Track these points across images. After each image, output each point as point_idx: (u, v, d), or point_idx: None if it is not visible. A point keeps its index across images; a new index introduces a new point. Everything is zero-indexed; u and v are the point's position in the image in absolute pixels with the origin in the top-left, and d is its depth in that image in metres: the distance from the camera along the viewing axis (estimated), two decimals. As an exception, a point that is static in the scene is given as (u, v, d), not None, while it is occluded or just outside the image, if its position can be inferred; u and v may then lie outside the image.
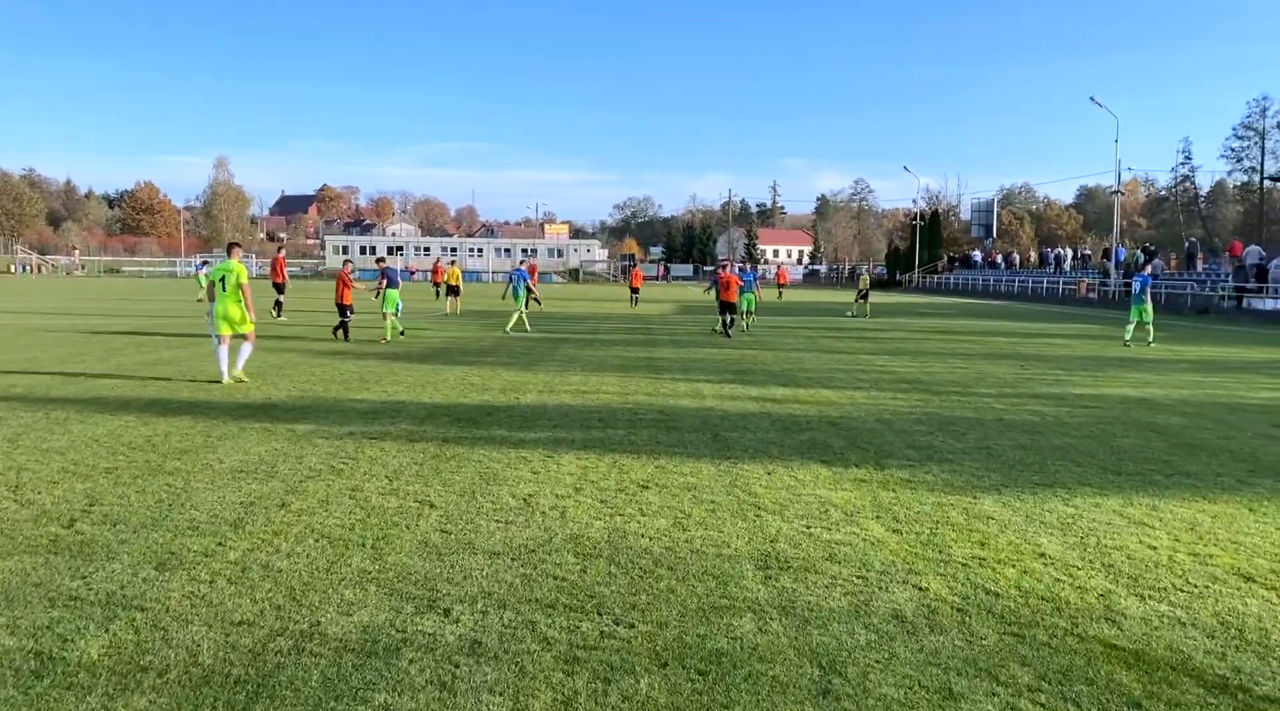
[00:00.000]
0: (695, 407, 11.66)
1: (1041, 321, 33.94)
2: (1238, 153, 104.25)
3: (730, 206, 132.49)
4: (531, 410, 11.29)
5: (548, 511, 6.63)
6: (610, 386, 13.64)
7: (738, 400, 12.37)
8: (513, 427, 10.04)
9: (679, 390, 13.31)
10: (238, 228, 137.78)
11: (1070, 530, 6.35)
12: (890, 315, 37.33)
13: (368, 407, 11.30)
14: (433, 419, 10.51)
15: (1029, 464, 8.51)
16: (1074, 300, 50.24)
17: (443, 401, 11.89)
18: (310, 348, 18.86)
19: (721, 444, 9.27)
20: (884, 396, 12.96)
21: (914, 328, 29.02)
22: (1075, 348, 21.97)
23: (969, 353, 20.21)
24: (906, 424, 10.62)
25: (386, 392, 12.64)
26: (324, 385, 13.28)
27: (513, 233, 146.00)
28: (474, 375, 14.73)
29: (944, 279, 75.25)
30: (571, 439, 9.43)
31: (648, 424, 10.39)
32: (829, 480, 7.75)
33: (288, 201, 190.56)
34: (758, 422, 10.57)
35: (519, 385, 13.60)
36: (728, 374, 15.47)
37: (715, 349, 20.40)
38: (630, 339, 22.83)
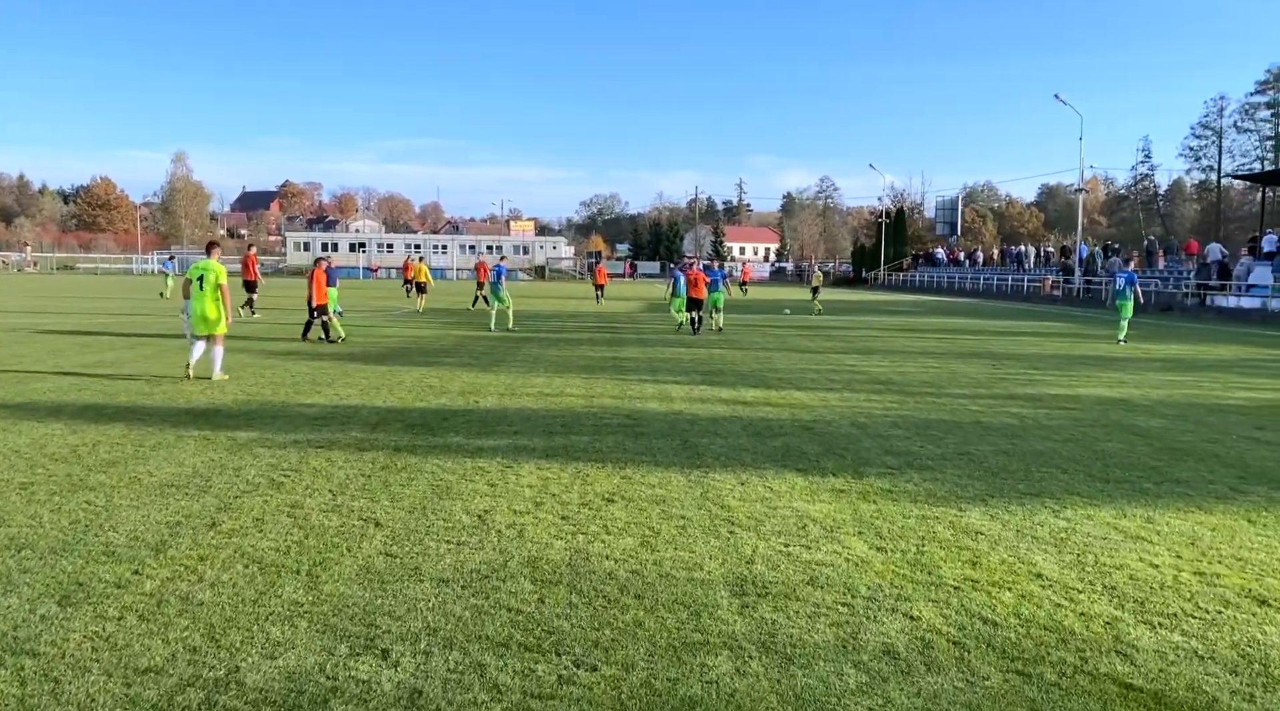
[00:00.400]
0: (663, 411, 11.17)
1: (1008, 319, 33.89)
2: (1196, 152, 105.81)
3: (697, 204, 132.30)
4: (491, 415, 10.73)
5: (504, 530, 6.10)
6: (575, 388, 13.11)
7: (707, 403, 11.90)
8: (470, 434, 9.49)
9: (646, 392, 12.81)
10: (196, 224, 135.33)
11: (1065, 546, 5.94)
12: (858, 313, 37.14)
13: (317, 413, 10.69)
14: (385, 425, 9.92)
15: (1013, 471, 8.11)
16: (1039, 297, 50.44)
17: (397, 405, 11.30)
18: (265, 348, 18.13)
19: (691, 451, 8.79)
20: (858, 398, 12.56)
21: (883, 326, 28.78)
22: (1045, 345, 21.78)
23: (940, 351, 19.93)
24: (882, 428, 10.21)
25: (339, 396, 12.01)
26: (273, 388, 12.62)
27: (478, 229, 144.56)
28: (432, 377, 14.13)
29: (909, 276, 75.48)
30: (532, 446, 8.90)
31: (613, 429, 9.88)
32: (806, 490, 7.29)
33: (249, 198, 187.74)
34: (729, 427, 10.10)
35: (479, 387, 13.03)
36: (696, 375, 15.00)
37: (683, 348, 19.94)
38: (596, 338, 22.31)
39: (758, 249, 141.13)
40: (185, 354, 13.95)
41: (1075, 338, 24.74)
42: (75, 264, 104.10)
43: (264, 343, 19.18)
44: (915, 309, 41.49)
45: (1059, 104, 50.22)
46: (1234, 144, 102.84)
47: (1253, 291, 34.80)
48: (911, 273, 76.66)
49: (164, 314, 28.87)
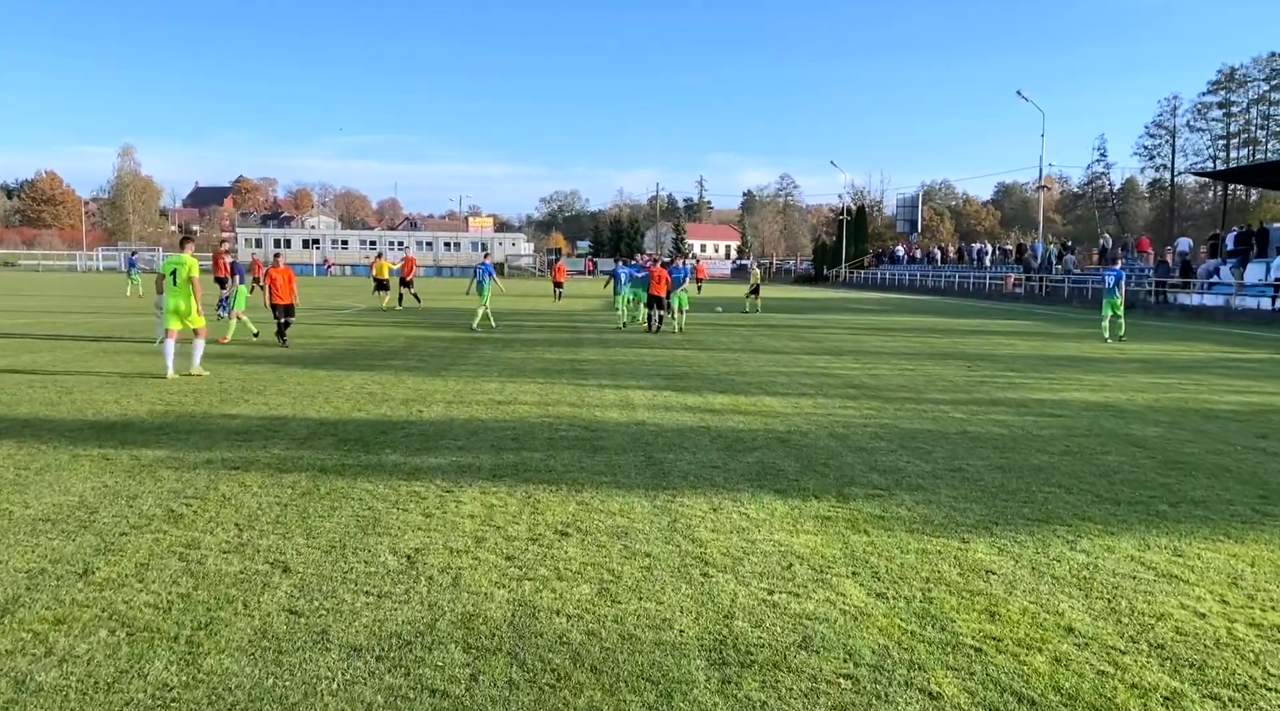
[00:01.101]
0: (625, 421, 10.25)
1: (975, 317, 33.43)
2: (1150, 150, 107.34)
3: (658, 201, 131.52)
4: (435, 427, 9.74)
5: (436, 576, 5.14)
6: (529, 395, 12.15)
7: (672, 411, 11.00)
8: (409, 451, 8.49)
9: (606, 399, 11.89)
10: (145, 220, 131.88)
11: (1091, 588, 5.12)
12: (823, 311, 36.50)
13: (241, 425, 9.62)
14: (315, 440, 8.89)
15: (1013, 491, 7.31)
16: (1001, 295, 50.27)
17: (332, 416, 10.26)
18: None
19: (656, 469, 7.88)
20: (832, 404, 11.73)
21: (849, 325, 28.11)
22: (1017, 345, 21.19)
23: (912, 351, 19.22)
24: (863, 439, 9.37)
25: (268, 405, 10.94)
26: (197, 396, 11.50)
27: (436, 226, 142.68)
28: (375, 382, 13.08)
29: (870, 274, 75.27)
30: (478, 465, 7.93)
31: (570, 443, 8.94)
32: (787, 518, 6.41)
33: (202, 193, 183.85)
34: (696, 440, 9.21)
35: (425, 394, 12.01)
36: (660, 379, 14.10)
37: (645, 349, 19.03)
38: (554, 338, 21.33)
39: (718, 246, 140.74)
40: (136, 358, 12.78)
41: (1045, 337, 24.23)
42: (16, 261, 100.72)
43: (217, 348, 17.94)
44: (880, 307, 40.99)
45: (1016, 103, 50.18)
46: (1187, 143, 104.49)
47: (1214, 289, 34.68)
48: (873, 270, 76.48)
49: (113, 313, 27.37)
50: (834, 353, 18.73)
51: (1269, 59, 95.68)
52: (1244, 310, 31.97)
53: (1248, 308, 31.95)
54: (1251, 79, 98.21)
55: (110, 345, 17.65)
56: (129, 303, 33.36)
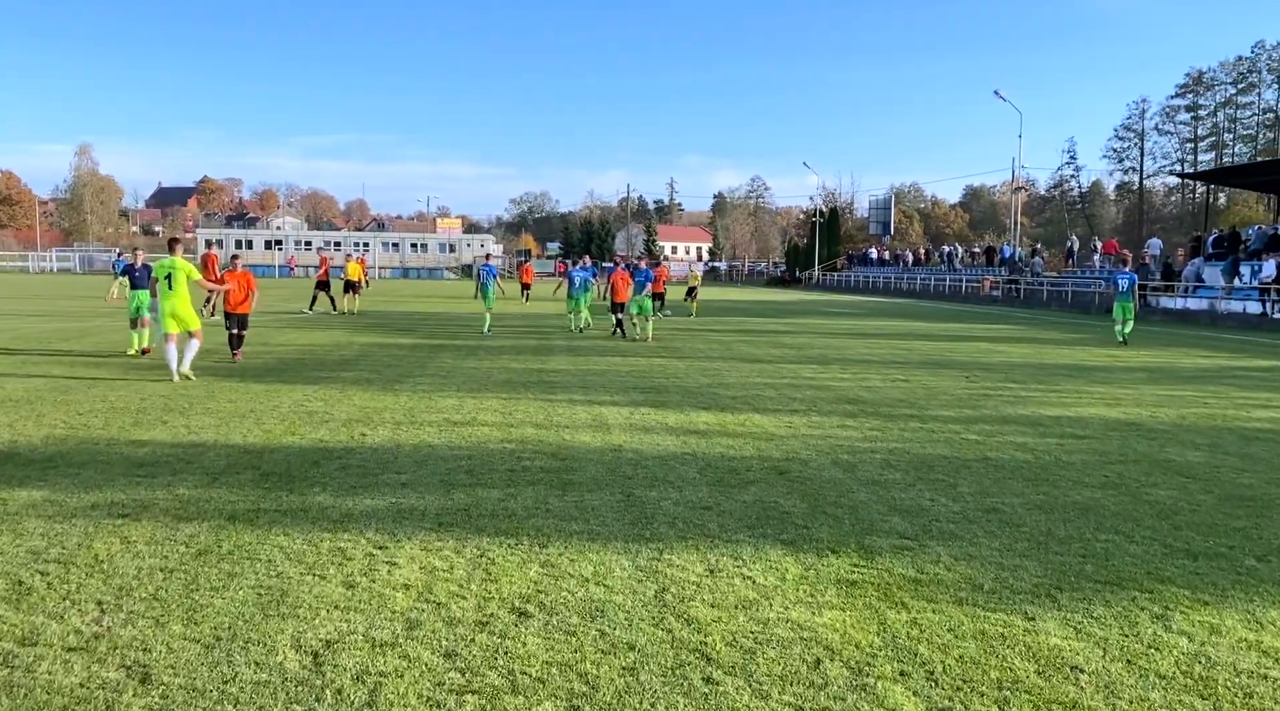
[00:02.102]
0: (599, 446, 8.95)
1: (955, 321, 32.45)
2: (1119, 153, 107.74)
3: (629, 203, 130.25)
4: (377, 455, 8.38)
5: (348, 687, 3.82)
6: (490, 413, 10.81)
7: (652, 433, 9.71)
8: (342, 489, 7.13)
9: (577, 418, 10.58)
10: (104, 221, 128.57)
11: (1217, 696, 3.90)
12: (800, 315, 35.38)
13: (148, 455, 8.21)
14: (232, 474, 7.51)
15: (1064, 540, 6.10)
16: (978, 298, 49.50)
17: (259, 442, 8.87)
18: (130, 360, 15.38)
19: (638, 512, 6.59)
20: (830, 424, 10.50)
21: (829, 330, 26.97)
22: (1009, 352, 20.13)
23: (901, 360, 18.08)
24: (873, 469, 8.14)
25: (188, 428, 9.52)
26: (108, 417, 10.05)
27: (405, 227, 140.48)
28: (317, 398, 11.68)
29: (844, 276, 74.49)
30: (422, 509, 6.59)
31: (535, 476, 7.63)
32: (803, 584, 5.15)
33: (166, 193, 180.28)
34: (682, 471, 7.93)
35: (371, 413, 10.64)
36: (636, 392, 12.82)
37: (618, 357, 17.74)
38: (521, 344, 19.97)
39: (689, 248, 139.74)
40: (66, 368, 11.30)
41: (1034, 343, 23.22)
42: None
43: (158, 356, 16.40)
44: (856, 310, 39.96)
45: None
46: (1155, 146, 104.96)
47: (1199, 292, 33.99)
48: (845, 272, 75.71)
49: (64, 316, 25.58)
50: (820, 361, 17.54)
51: (1236, 63, 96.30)
52: (1230, 314, 31.25)
53: (1233, 312, 31.23)
54: (1219, 82, 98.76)
55: (42, 355, 16.08)
56: (100, 305, 31.50)
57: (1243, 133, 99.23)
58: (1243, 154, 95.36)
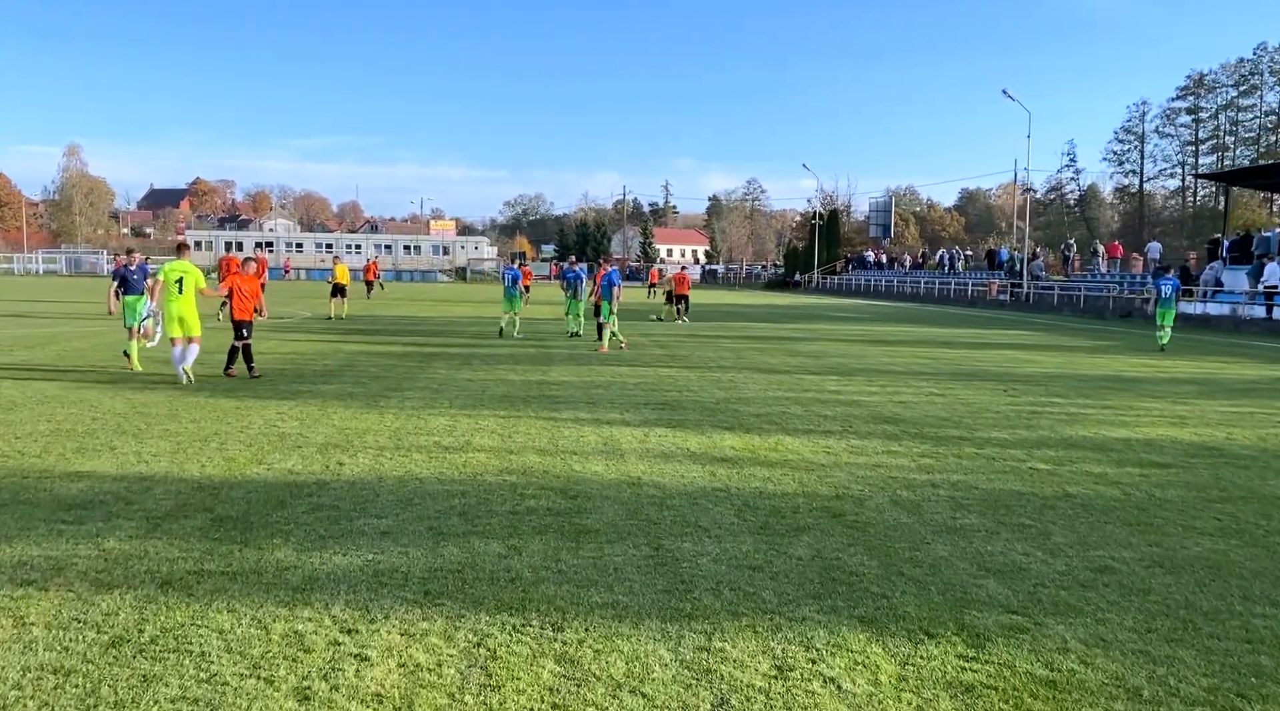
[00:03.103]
0: (614, 479, 7.69)
1: (970, 326, 31.20)
2: (1119, 156, 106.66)
3: (625, 205, 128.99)
4: (355, 492, 7.11)
5: None
6: (487, 435, 9.54)
7: (674, 461, 8.45)
8: (308, 541, 5.85)
9: (586, 441, 9.31)
10: (93, 222, 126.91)
11: None
12: (806, 320, 34.12)
13: (82, 493, 6.92)
14: (177, 520, 6.23)
15: (1211, 614, 4.85)
16: (984, 302, 48.33)
17: (217, 475, 7.58)
18: (99, 373, 14.07)
19: (671, 573, 5.33)
20: (872, 448, 9.25)
21: (842, 336, 25.71)
22: (1042, 362, 18.89)
23: (927, 370, 16.84)
24: (942, 509, 6.89)
25: (139, 455, 8.24)
26: (49, 442, 8.76)
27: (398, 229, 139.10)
28: (292, 416, 10.40)
29: (843, 279, 73.32)
30: (405, 570, 5.32)
31: (542, 520, 6.37)
32: (904, 690, 3.90)
33: (157, 195, 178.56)
34: (717, 513, 6.67)
35: (352, 436, 9.36)
36: (648, 409, 11.56)
37: (624, 366, 16.48)
38: (519, 352, 18.70)
39: (685, 251, 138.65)
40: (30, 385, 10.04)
41: (1063, 351, 21.99)
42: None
43: (109, 363, 15.08)
44: (863, 315, 38.72)
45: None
46: (1156, 149, 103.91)
47: (1219, 297, 32.84)
48: (845, 275, 74.55)
49: (32, 321, 24.21)
50: (840, 372, 16.28)
51: (1237, 65, 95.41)
52: (1254, 320, 30.09)
53: (1257, 317, 30.08)
54: (1220, 85, 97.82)
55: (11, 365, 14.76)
56: (79, 308, 30.13)
57: (1245, 135, 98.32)
58: (1245, 156, 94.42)
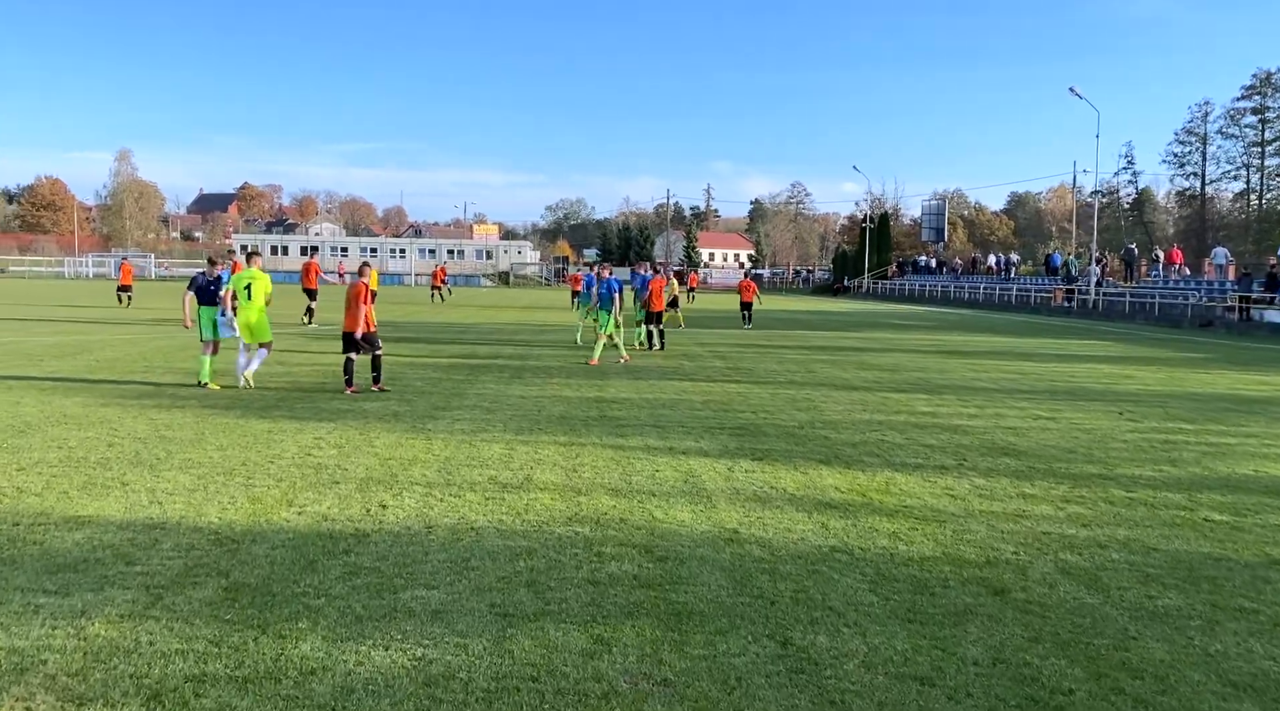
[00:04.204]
0: (706, 532, 6.40)
1: (1044, 336, 29.40)
2: (1180, 158, 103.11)
3: (667, 209, 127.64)
4: (399, 548, 5.89)
5: None
6: (549, 468, 8.31)
7: (772, 507, 7.13)
8: (340, 626, 4.63)
9: (663, 478, 8.04)
10: (142, 226, 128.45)
11: None
12: (865, 327, 32.53)
13: (78, 547, 5.78)
14: (183, 589, 5.06)
15: None
16: (1048, 309, 46.27)
17: (240, 522, 6.42)
18: (141, 385, 13.08)
19: (813, 690, 4.02)
20: (1000, 488, 7.86)
21: (911, 346, 24.14)
22: (1143, 378, 17.23)
23: (1023, 387, 15.32)
24: (1130, 583, 5.49)
25: (153, 495, 7.11)
26: (55, 473, 7.68)
27: (441, 233, 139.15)
28: (329, 443, 9.25)
29: (894, 284, 71.33)
30: (465, 676, 4.07)
31: (629, 596, 5.10)
32: None
33: (207, 199, 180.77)
34: (847, 587, 5.34)
35: (396, 468, 8.18)
36: (725, 435, 10.25)
37: (685, 381, 15.19)
38: (572, 364, 17.49)
39: (727, 255, 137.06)
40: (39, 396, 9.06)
41: (1158, 364, 20.26)
42: (8, 267, 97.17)
43: (139, 375, 14.12)
44: (925, 322, 36.97)
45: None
46: (1219, 150, 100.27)
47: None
48: (896, 280, 72.55)
49: (71, 327, 23.50)
50: (927, 389, 14.82)
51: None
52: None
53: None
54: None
55: (21, 379, 13.85)
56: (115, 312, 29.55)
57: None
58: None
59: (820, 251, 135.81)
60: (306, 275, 27.46)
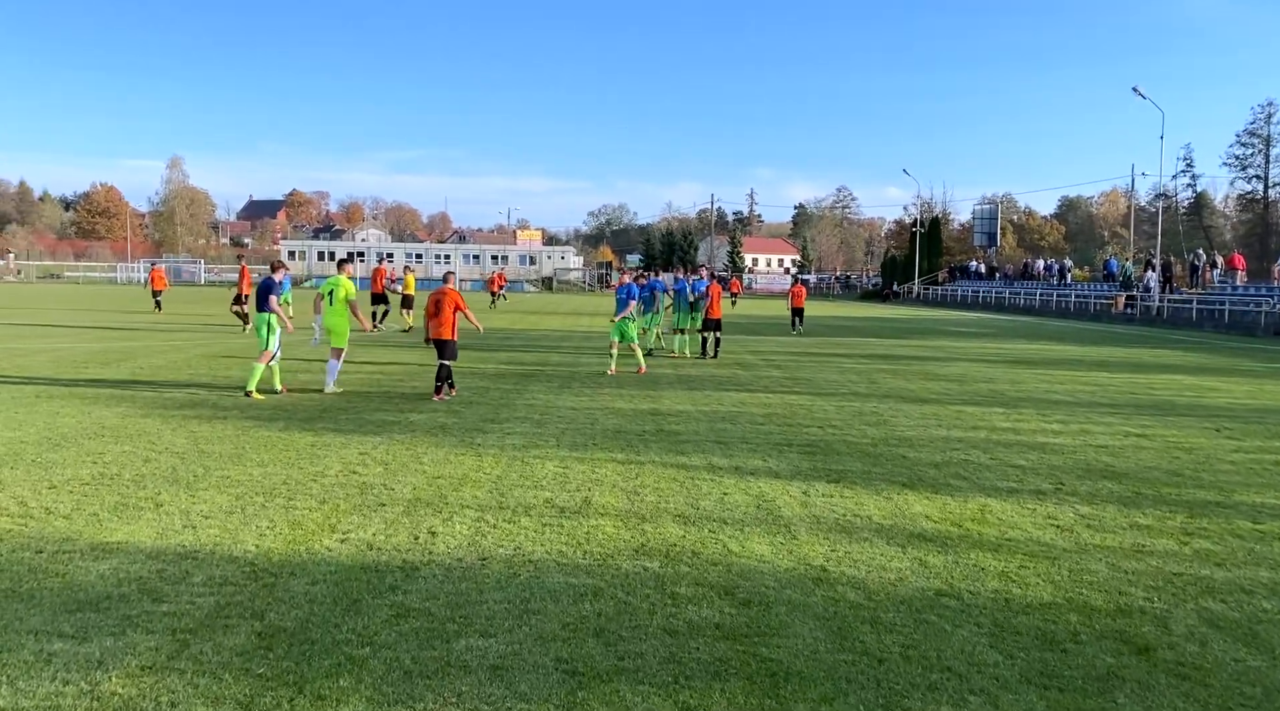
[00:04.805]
0: (790, 570, 5.73)
1: (1113, 345, 28.20)
2: (1241, 160, 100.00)
3: (711, 214, 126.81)
4: (450, 585, 5.31)
5: None
6: (608, 490, 7.69)
7: (860, 539, 6.44)
8: (386, 687, 4.03)
9: (733, 502, 7.38)
10: (193, 232, 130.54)
11: None
12: (923, 335, 31.51)
13: (103, 580, 5.28)
14: (212, 634, 4.51)
15: None
16: (1109, 316, 44.77)
17: (278, 551, 5.88)
18: (172, 389, 12.72)
19: (948, 778, 3.35)
20: (1110, 518, 7.08)
21: (975, 355, 23.16)
22: (1228, 390, 16.20)
23: (1103, 400, 14.40)
24: (1286, 638, 4.74)
25: (187, 518, 6.61)
26: (86, 493, 7.22)
27: (485, 239, 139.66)
28: (375, 460, 8.72)
29: (944, 290, 69.78)
30: (532, 757, 3.46)
31: (713, 650, 4.46)
32: None
33: (256, 206, 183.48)
34: (964, 643, 4.64)
35: (445, 488, 7.62)
36: (794, 452, 9.56)
37: (744, 392, 14.49)
38: (622, 373, 16.88)
39: (770, 260, 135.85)
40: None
41: (1239, 375, 19.13)
42: (62, 272, 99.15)
43: (182, 380, 13.77)
44: (984, 330, 35.80)
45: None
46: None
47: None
48: (947, 286, 71.01)
49: (119, 333, 23.42)
50: (1003, 403, 13.98)
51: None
52: None
53: None
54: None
55: (64, 385, 13.56)
56: (146, 319, 29.56)
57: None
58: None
59: (866, 256, 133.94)
60: (375, 281, 27.85)
